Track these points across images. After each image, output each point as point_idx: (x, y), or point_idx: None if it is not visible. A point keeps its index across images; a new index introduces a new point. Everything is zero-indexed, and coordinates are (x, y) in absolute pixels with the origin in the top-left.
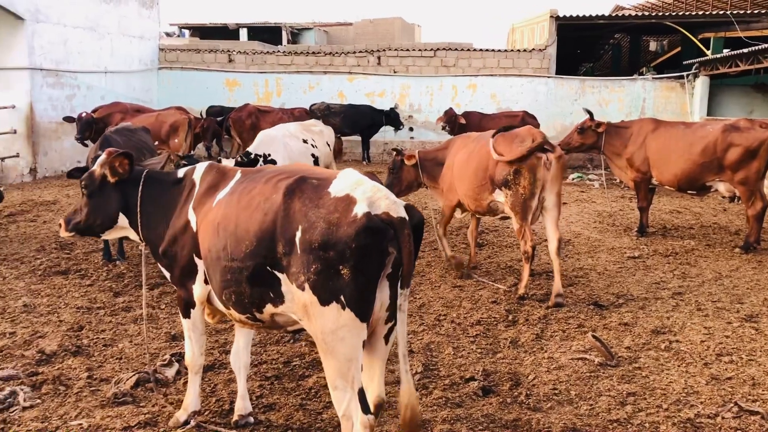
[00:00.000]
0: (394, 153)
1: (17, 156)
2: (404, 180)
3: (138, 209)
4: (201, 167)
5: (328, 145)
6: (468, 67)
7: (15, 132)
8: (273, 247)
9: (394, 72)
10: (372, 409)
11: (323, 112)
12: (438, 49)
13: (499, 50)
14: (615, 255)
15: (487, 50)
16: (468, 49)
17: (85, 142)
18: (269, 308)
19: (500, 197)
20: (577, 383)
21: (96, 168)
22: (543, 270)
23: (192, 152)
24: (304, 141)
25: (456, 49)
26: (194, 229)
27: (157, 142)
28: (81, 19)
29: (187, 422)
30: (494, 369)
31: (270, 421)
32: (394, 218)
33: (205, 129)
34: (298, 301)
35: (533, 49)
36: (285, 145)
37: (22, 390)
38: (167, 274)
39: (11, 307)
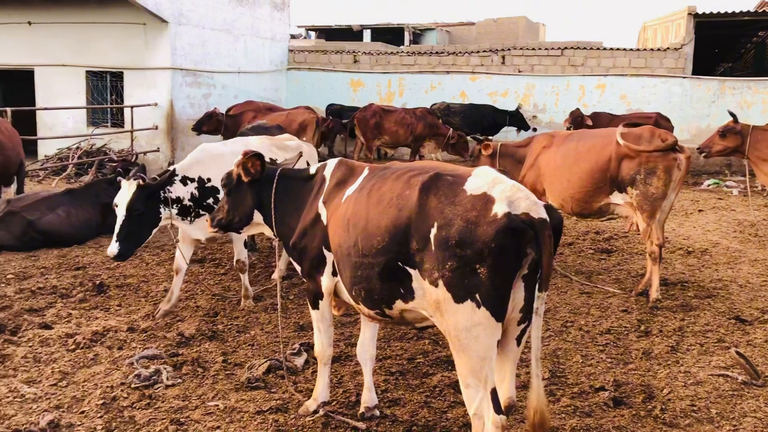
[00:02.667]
0: (476, 142)
1: (157, 150)
2: None
3: (272, 206)
4: (332, 163)
5: (308, 165)
6: (597, 67)
7: (156, 128)
8: (406, 243)
9: (519, 71)
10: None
11: (443, 112)
12: (566, 47)
13: (631, 49)
14: (758, 267)
15: (617, 49)
16: (597, 48)
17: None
18: (399, 304)
19: (617, 199)
20: (717, 401)
21: (233, 168)
22: (677, 280)
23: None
24: (272, 161)
25: (584, 48)
26: (324, 223)
27: None
28: (219, 21)
29: (316, 411)
30: (625, 380)
31: (395, 416)
32: (535, 219)
33: (330, 129)
34: (429, 297)
35: (668, 48)
36: None
37: (165, 369)
38: (298, 268)
39: (153, 291)
